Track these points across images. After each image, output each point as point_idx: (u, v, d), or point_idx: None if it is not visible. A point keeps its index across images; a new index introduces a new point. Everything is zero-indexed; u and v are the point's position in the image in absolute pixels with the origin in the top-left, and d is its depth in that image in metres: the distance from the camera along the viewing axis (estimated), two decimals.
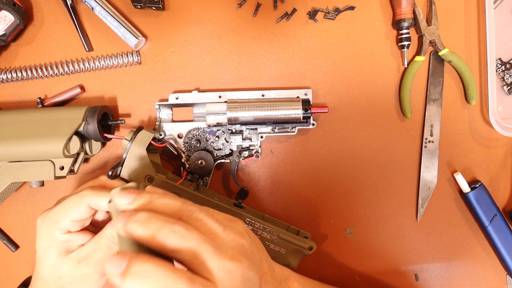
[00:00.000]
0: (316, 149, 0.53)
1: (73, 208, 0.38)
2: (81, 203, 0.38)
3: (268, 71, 0.53)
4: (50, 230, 0.38)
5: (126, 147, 0.45)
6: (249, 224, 0.47)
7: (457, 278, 0.55)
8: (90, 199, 0.38)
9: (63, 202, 0.39)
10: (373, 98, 0.54)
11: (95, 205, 0.38)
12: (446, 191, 0.55)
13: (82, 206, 0.38)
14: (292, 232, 0.49)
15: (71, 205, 0.38)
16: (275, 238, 0.47)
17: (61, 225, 0.38)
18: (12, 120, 0.45)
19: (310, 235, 0.51)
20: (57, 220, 0.38)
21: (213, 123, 0.49)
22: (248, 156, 0.51)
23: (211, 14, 0.52)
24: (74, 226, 0.39)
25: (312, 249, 0.48)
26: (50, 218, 0.39)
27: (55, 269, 0.38)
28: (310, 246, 0.48)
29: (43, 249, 0.39)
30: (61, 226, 0.38)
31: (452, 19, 0.54)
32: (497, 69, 0.55)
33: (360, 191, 0.54)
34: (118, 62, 0.51)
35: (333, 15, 0.52)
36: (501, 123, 0.52)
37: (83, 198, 0.38)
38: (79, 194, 0.38)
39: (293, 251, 0.48)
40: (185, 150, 0.50)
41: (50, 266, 0.38)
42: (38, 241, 0.39)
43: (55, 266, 0.38)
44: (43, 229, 0.39)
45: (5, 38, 0.48)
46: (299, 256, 0.49)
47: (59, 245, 0.38)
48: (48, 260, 0.39)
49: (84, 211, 0.38)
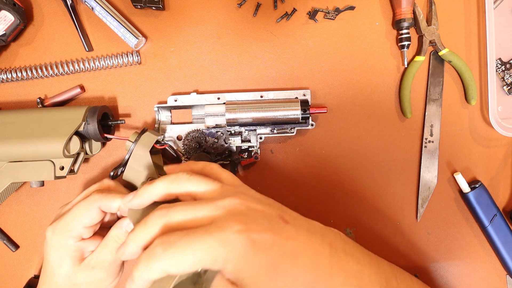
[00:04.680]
0: (316, 149, 0.53)
1: (85, 214, 0.38)
2: (92, 207, 0.38)
3: (268, 71, 0.53)
4: (63, 240, 0.38)
5: (130, 148, 0.45)
6: None
7: (457, 278, 0.55)
8: (101, 202, 0.38)
9: (72, 210, 0.39)
10: (373, 98, 0.54)
11: (106, 208, 0.38)
12: (446, 191, 0.55)
13: (94, 210, 0.38)
14: None
15: (83, 211, 0.38)
16: None
17: (74, 233, 0.38)
18: (12, 120, 0.45)
19: None
20: (70, 228, 0.38)
21: (212, 124, 0.50)
22: (247, 158, 0.51)
23: (211, 14, 0.52)
24: (86, 232, 0.39)
25: None
26: (61, 228, 0.38)
27: (70, 278, 0.38)
28: None
29: (56, 260, 0.38)
30: (74, 234, 0.38)
31: (452, 19, 0.54)
32: (497, 69, 0.55)
33: (360, 191, 0.54)
34: (118, 62, 0.51)
35: (333, 15, 0.52)
36: (501, 123, 0.52)
37: (94, 202, 0.38)
38: (89, 199, 0.38)
39: None
40: (185, 152, 0.50)
41: (65, 275, 0.38)
42: (50, 253, 0.39)
43: (71, 275, 0.38)
44: (55, 241, 0.38)
45: (5, 38, 0.48)
46: None
47: (72, 254, 0.38)
48: (62, 270, 0.38)
49: (96, 215, 0.38)
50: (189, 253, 0.26)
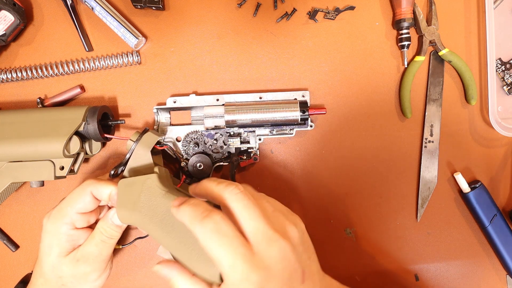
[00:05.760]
0: (316, 149, 0.53)
1: (77, 199, 0.39)
2: (85, 191, 0.39)
3: (268, 71, 0.53)
4: (57, 226, 0.39)
5: (131, 147, 0.45)
6: None
7: (457, 278, 0.55)
8: (93, 187, 0.39)
9: (67, 197, 0.40)
10: (373, 98, 0.54)
11: (98, 193, 0.39)
12: (446, 191, 0.55)
13: (86, 195, 0.39)
14: None
15: (75, 196, 0.39)
16: None
17: (67, 219, 0.38)
18: (12, 120, 0.45)
19: None
20: (63, 214, 0.39)
21: (211, 126, 0.49)
22: (246, 159, 0.51)
23: (211, 14, 0.52)
24: (80, 220, 0.39)
25: None
26: (56, 214, 0.39)
27: (55, 268, 0.39)
28: None
29: (46, 248, 0.39)
30: (67, 220, 0.38)
31: (452, 19, 0.54)
32: (497, 69, 0.55)
33: (360, 191, 0.54)
34: (118, 62, 0.51)
35: (333, 15, 0.52)
36: (501, 123, 0.52)
37: (86, 186, 0.39)
38: (83, 184, 0.39)
39: None
40: (184, 153, 0.50)
41: (51, 265, 0.39)
42: (43, 239, 0.39)
43: (56, 266, 0.39)
44: (49, 226, 0.39)
45: (5, 38, 0.48)
46: None
47: (62, 244, 0.39)
48: (49, 260, 0.39)
49: (88, 200, 0.39)
50: None
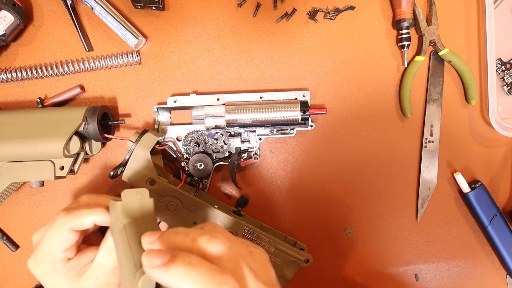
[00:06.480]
0: (316, 149, 0.53)
1: (58, 240, 0.35)
2: (63, 230, 0.35)
3: (268, 71, 0.53)
4: (50, 268, 0.36)
5: (130, 148, 0.45)
6: (247, 233, 0.47)
7: (457, 278, 0.55)
8: (70, 223, 0.35)
9: (45, 237, 0.36)
10: (373, 98, 0.54)
11: (77, 227, 0.35)
12: (446, 191, 0.55)
13: (66, 233, 0.35)
14: (289, 243, 0.49)
15: (55, 237, 0.35)
16: (272, 248, 0.47)
17: (57, 259, 0.35)
18: (12, 120, 0.45)
19: (306, 247, 0.51)
20: (50, 257, 0.35)
21: (212, 125, 0.49)
22: (247, 158, 0.51)
23: (211, 14, 0.52)
24: (70, 252, 0.36)
25: (309, 261, 0.48)
26: (42, 259, 0.36)
27: None
28: (306, 258, 0.48)
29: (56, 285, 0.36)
30: (57, 260, 0.35)
31: (452, 19, 0.54)
32: (497, 69, 0.55)
33: (360, 191, 0.54)
34: (118, 62, 0.51)
35: (333, 15, 0.52)
36: (501, 123, 0.52)
37: (62, 225, 0.35)
38: (57, 223, 0.35)
39: (289, 262, 0.48)
40: (184, 153, 0.50)
41: None
42: (45, 283, 0.37)
43: None
44: (42, 271, 0.36)
45: (5, 38, 0.48)
46: (295, 268, 0.48)
47: (68, 275, 0.36)
48: None
49: (70, 236, 0.35)
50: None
